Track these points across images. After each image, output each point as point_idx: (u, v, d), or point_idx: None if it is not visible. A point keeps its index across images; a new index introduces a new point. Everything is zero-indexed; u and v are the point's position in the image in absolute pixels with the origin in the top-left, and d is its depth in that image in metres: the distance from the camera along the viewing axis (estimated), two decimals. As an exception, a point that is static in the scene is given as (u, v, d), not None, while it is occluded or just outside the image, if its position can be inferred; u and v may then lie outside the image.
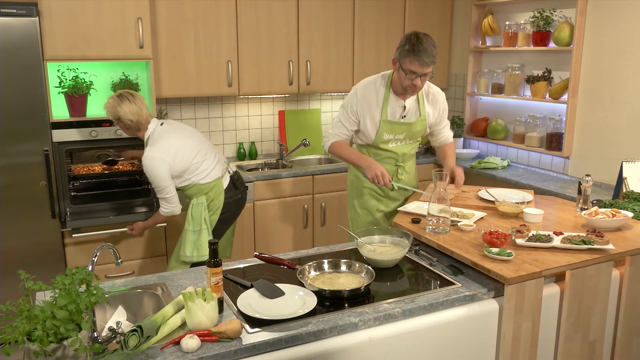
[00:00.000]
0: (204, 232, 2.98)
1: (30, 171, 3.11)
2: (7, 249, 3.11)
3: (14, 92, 3.00)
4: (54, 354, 1.49)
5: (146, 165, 2.84)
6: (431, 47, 2.52)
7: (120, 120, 2.88)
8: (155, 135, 2.91)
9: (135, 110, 2.86)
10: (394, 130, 2.77)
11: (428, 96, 2.82)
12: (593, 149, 3.62)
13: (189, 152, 2.93)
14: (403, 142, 2.84)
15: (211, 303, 1.64)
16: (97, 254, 1.81)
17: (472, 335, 1.92)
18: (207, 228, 2.99)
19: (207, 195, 3.00)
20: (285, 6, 3.93)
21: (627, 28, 3.33)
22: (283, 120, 4.40)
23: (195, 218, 2.98)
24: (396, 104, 2.74)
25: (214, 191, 3.01)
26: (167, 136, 2.91)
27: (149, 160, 2.83)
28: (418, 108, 2.80)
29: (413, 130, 2.81)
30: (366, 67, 4.32)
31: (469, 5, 4.39)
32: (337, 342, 1.69)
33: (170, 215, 2.99)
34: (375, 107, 2.74)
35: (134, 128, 2.91)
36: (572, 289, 2.03)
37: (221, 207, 3.05)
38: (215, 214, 3.04)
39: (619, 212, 2.38)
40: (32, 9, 3.00)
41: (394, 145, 2.82)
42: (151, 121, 2.95)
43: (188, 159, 2.92)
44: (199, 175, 2.96)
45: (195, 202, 2.98)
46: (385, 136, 2.78)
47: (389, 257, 2.13)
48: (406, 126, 2.78)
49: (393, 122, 2.75)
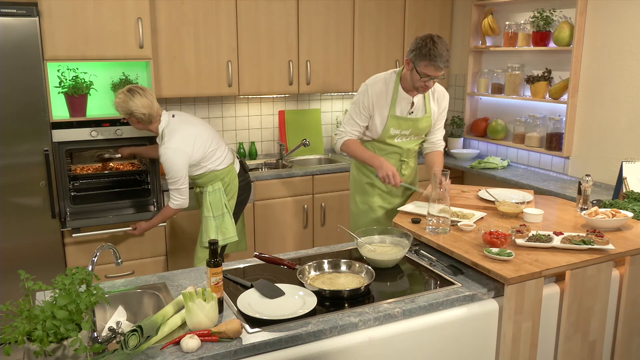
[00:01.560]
0: (226, 215, 3.09)
1: (30, 171, 3.11)
2: (7, 249, 3.11)
3: (14, 92, 3.00)
4: (54, 354, 1.49)
5: (165, 156, 2.89)
6: (445, 52, 2.59)
7: (133, 115, 2.91)
8: (171, 127, 2.96)
9: (146, 103, 2.89)
10: (400, 125, 2.82)
11: (434, 94, 2.88)
12: (593, 149, 3.62)
13: (205, 140, 3.01)
14: (408, 137, 2.89)
15: (211, 303, 1.64)
16: (97, 254, 1.81)
17: (472, 335, 1.92)
18: (228, 212, 3.10)
19: (222, 181, 3.09)
20: (285, 6, 3.93)
21: (627, 28, 3.33)
22: (283, 120, 4.40)
23: (214, 204, 3.06)
24: (404, 100, 2.80)
25: (229, 176, 3.13)
26: (184, 127, 2.97)
27: (170, 152, 2.88)
28: (424, 104, 2.86)
29: (419, 126, 2.86)
30: (366, 67, 4.32)
31: (469, 5, 4.39)
32: (337, 342, 1.69)
33: (180, 208, 3.03)
34: (384, 102, 2.79)
35: (146, 121, 2.93)
36: (572, 289, 2.03)
37: (237, 190, 3.17)
38: (233, 198, 3.16)
39: (619, 212, 2.38)
40: (32, 9, 3.00)
41: (400, 140, 2.87)
42: (162, 113, 2.99)
43: (205, 147, 3.00)
44: (215, 162, 3.06)
45: (211, 190, 3.06)
46: (392, 131, 2.83)
47: (389, 257, 2.13)
48: (412, 122, 2.83)
49: (400, 117, 2.81)
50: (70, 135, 3.23)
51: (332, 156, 4.45)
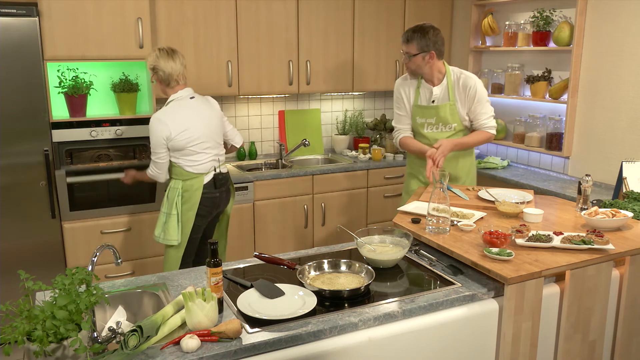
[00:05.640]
0: (173, 217, 2.98)
1: (30, 171, 3.11)
2: (7, 249, 3.11)
3: (14, 92, 3.00)
4: (54, 354, 1.49)
5: (150, 124, 2.93)
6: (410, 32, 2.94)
7: (155, 71, 2.96)
8: (175, 103, 2.97)
9: (171, 66, 2.95)
10: (424, 114, 3.04)
11: (459, 81, 2.99)
12: (593, 149, 3.62)
13: (194, 137, 2.95)
14: (436, 127, 3.04)
15: (211, 303, 1.64)
16: (97, 254, 1.81)
17: (472, 335, 1.92)
18: (177, 214, 2.98)
19: (184, 183, 2.99)
20: (285, 6, 3.93)
21: (626, 28, 3.33)
22: (283, 120, 4.40)
23: (169, 200, 3.01)
24: (427, 89, 3.04)
25: (190, 183, 3.00)
26: (185, 112, 2.96)
27: (155, 121, 2.91)
28: (448, 93, 3.00)
29: (441, 114, 3.00)
30: (366, 67, 4.32)
31: (469, 5, 4.40)
32: (337, 342, 1.69)
33: (154, 179, 3.05)
34: (410, 92, 3.08)
35: (164, 83, 2.98)
36: (572, 289, 2.03)
37: (198, 201, 3.02)
38: (192, 209, 3.01)
39: (618, 212, 2.37)
40: (32, 9, 3.00)
41: (429, 131, 3.05)
42: (184, 88, 3.01)
43: (189, 141, 2.94)
44: (187, 160, 2.97)
45: (172, 186, 3.02)
46: (419, 120, 3.07)
47: (389, 257, 2.13)
48: (434, 109, 3.01)
49: (422, 106, 3.04)
50: (70, 135, 3.23)
51: (332, 156, 4.45)
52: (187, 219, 3.00)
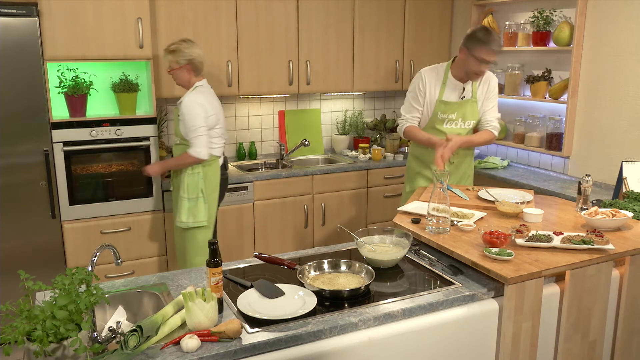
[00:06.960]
0: (200, 200, 3.11)
1: (30, 171, 3.11)
2: (7, 249, 3.11)
3: (14, 92, 3.00)
4: (54, 354, 1.49)
5: (188, 105, 3.03)
6: (498, 37, 2.88)
7: (192, 61, 3.08)
8: (202, 89, 3.13)
9: (199, 52, 3.12)
10: (447, 110, 3.04)
11: (481, 78, 3.04)
12: (593, 149, 3.62)
13: (218, 120, 3.14)
14: (456, 122, 3.05)
15: (211, 303, 1.64)
16: (97, 254, 1.81)
17: (472, 335, 1.92)
18: (203, 197, 3.12)
19: (202, 167, 3.12)
20: (285, 6, 3.93)
21: (626, 28, 3.33)
22: (283, 120, 4.40)
23: (190, 186, 3.10)
24: (454, 86, 3.04)
25: (211, 166, 3.16)
26: (210, 97, 3.14)
27: (192, 103, 3.03)
28: (472, 90, 3.05)
29: (464, 110, 3.04)
30: (366, 67, 4.32)
31: (469, 5, 4.39)
32: (337, 342, 1.69)
33: (198, 157, 3.05)
34: (435, 87, 3.06)
35: (198, 70, 3.13)
36: (572, 289, 2.03)
37: (219, 183, 3.21)
38: (215, 190, 3.20)
39: (618, 212, 2.37)
40: (32, 9, 3.00)
41: (448, 126, 3.06)
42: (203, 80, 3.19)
43: (214, 124, 3.13)
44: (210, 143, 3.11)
45: (191, 172, 3.09)
46: (440, 115, 3.05)
47: (389, 257, 2.13)
48: (458, 105, 3.04)
49: (447, 102, 3.04)
50: (70, 135, 3.23)
51: (332, 156, 4.45)
52: (213, 199, 3.17)
